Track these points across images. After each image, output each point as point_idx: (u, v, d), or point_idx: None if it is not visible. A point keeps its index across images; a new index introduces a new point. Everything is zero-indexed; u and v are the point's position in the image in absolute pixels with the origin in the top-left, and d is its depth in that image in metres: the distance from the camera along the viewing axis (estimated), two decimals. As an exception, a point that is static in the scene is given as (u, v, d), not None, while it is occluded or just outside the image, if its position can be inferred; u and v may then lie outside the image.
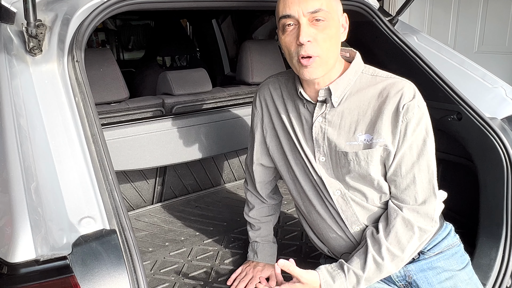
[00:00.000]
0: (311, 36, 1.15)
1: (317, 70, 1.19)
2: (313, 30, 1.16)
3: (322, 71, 1.20)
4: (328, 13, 1.16)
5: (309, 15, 1.15)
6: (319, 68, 1.19)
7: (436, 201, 1.24)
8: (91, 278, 0.93)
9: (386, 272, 1.24)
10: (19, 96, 1.13)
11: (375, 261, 1.22)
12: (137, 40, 5.65)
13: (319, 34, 1.16)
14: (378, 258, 1.22)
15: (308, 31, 1.15)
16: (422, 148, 1.21)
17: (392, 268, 1.24)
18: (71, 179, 1.05)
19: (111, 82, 1.93)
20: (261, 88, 1.47)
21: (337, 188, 1.30)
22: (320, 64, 1.18)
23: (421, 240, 1.25)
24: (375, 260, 1.22)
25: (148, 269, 1.69)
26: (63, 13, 1.30)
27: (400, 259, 1.24)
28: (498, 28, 3.91)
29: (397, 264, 1.25)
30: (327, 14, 1.16)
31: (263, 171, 1.56)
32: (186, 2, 1.55)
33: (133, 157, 1.93)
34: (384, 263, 1.22)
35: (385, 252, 1.22)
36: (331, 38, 1.18)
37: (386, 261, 1.22)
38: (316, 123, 1.28)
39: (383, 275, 1.25)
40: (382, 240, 1.23)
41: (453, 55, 1.95)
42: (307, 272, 1.22)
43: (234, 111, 2.21)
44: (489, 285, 1.49)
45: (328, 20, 1.16)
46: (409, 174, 1.22)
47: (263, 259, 1.60)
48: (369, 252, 1.23)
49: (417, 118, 1.19)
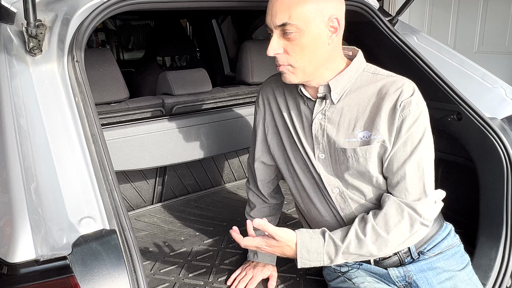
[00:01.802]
0: (279, 49, 1.19)
1: (291, 77, 1.24)
2: (283, 42, 1.19)
3: (297, 78, 1.23)
4: (296, 26, 1.15)
5: (279, 28, 1.17)
6: (292, 75, 1.23)
7: (428, 201, 1.22)
8: (91, 278, 0.93)
9: (366, 251, 1.21)
10: (19, 96, 1.13)
11: (357, 235, 1.21)
12: (137, 40, 5.65)
13: (289, 45, 1.18)
14: (360, 234, 1.21)
15: (274, 45, 1.19)
16: (416, 146, 1.20)
17: (373, 249, 1.21)
18: (71, 179, 1.05)
19: (111, 82, 1.93)
20: (264, 86, 1.49)
21: (335, 186, 1.30)
22: (294, 72, 1.22)
23: (411, 231, 1.21)
24: (357, 235, 1.21)
25: (148, 269, 1.69)
26: (63, 13, 1.30)
27: (384, 241, 1.21)
28: (498, 28, 3.91)
29: (379, 247, 1.21)
30: (296, 27, 1.15)
31: (264, 169, 1.57)
32: (186, 2, 1.55)
33: (133, 157, 1.93)
34: (366, 240, 1.20)
35: (369, 230, 1.20)
36: (303, 48, 1.18)
37: (368, 238, 1.20)
38: (316, 119, 1.29)
39: (363, 253, 1.22)
40: (369, 218, 1.22)
41: (453, 55, 1.95)
42: (282, 230, 1.22)
43: (234, 111, 2.21)
44: (489, 285, 1.49)
45: (299, 31, 1.16)
46: (400, 171, 1.21)
47: (263, 259, 1.60)
48: (353, 226, 1.22)
49: (414, 116, 1.19)
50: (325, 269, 1.52)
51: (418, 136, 1.20)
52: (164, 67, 4.27)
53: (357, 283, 1.35)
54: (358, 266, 1.39)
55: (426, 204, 1.22)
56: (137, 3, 1.37)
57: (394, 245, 1.23)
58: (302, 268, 1.26)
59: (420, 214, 1.21)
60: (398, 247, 1.25)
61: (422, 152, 1.21)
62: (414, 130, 1.20)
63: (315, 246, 1.22)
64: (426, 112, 1.23)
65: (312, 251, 1.22)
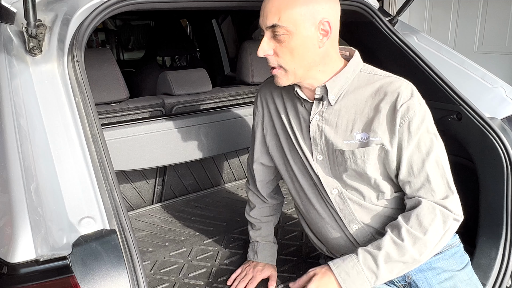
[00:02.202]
0: (269, 50, 1.19)
1: (282, 80, 1.24)
2: (273, 44, 1.19)
3: (288, 80, 1.24)
4: (285, 28, 1.15)
5: (269, 29, 1.18)
6: (283, 78, 1.23)
7: (455, 197, 1.21)
8: (91, 278, 0.93)
9: (409, 257, 1.18)
10: (19, 96, 1.13)
11: (394, 242, 1.18)
12: (137, 40, 5.64)
13: (279, 47, 1.18)
14: (397, 240, 1.18)
15: (264, 46, 1.19)
16: (430, 145, 1.20)
17: (414, 253, 1.18)
18: (71, 179, 1.05)
19: (111, 82, 1.93)
20: (262, 87, 1.49)
21: (334, 187, 1.30)
22: (285, 75, 1.22)
23: (445, 228, 1.20)
24: (395, 241, 1.18)
25: (148, 269, 1.69)
26: (63, 13, 1.30)
27: (422, 242, 1.18)
28: (498, 28, 3.90)
29: (420, 250, 1.18)
30: (285, 29, 1.15)
31: (263, 170, 1.57)
32: (186, 2, 1.55)
33: (133, 157, 1.93)
34: (405, 245, 1.17)
35: (405, 233, 1.17)
36: (293, 50, 1.18)
37: (406, 242, 1.17)
38: (314, 121, 1.29)
39: (406, 260, 1.18)
40: (401, 223, 1.20)
41: (453, 55, 1.95)
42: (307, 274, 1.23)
43: (234, 111, 2.21)
44: (489, 285, 1.49)
45: (288, 34, 1.16)
46: (422, 173, 1.20)
47: (263, 259, 1.60)
48: (387, 235, 1.20)
49: (420, 116, 1.19)
50: (325, 269, 1.51)
51: (429, 134, 1.21)
52: (164, 67, 4.28)
53: (357, 283, 1.35)
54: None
55: (454, 200, 1.22)
56: (137, 3, 1.37)
57: (432, 245, 1.20)
58: (302, 268, 1.26)
59: (451, 210, 1.20)
60: (435, 248, 1.22)
61: (438, 149, 1.21)
62: (424, 130, 1.20)
63: (350, 264, 1.19)
64: (429, 110, 1.23)
65: (351, 272, 1.19)
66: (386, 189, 1.28)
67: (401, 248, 1.18)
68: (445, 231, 1.21)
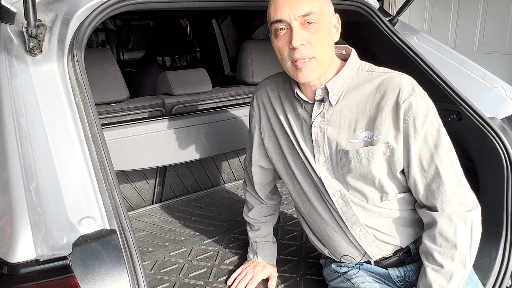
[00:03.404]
0: (304, 40, 1.15)
1: (312, 72, 1.19)
2: (306, 33, 1.16)
3: (317, 73, 1.20)
4: (319, 15, 1.16)
5: (300, 18, 1.15)
6: (315, 70, 1.19)
7: (464, 189, 1.20)
8: (91, 278, 0.93)
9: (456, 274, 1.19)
10: (19, 96, 1.13)
11: (436, 271, 1.20)
12: (137, 40, 5.65)
13: (312, 37, 1.16)
14: (437, 267, 1.20)
15: (300, 35, 1.15)
16: (438, 139, 1.19)
17: (459, 269, 1.19)
18: (71, 179, 1.05)
19: (111, 82, 1.93)
20: (258, 89, 1.47)
21: (337, 189, 1.29)
22: (316, 67, 1.19)
23: (467, 226, 1.19)
24: (436, 270, 1.20)
25: (148, 269, 1.69)
26: (63, 13, 1.30)
27: (460, 255, 1.19)
28: (498, 28, 3.90)
29: (461, 261, 1.19)
30: (319, 17, 1.15)
31: (262, 173, 1.56)
32: (186, 2, 1.55)
33: (133, 157, 1.93)
34: (446, 268, 1.19)
35: (440, 257, 1.19)
36: (325, 39, 1.18)
37: (447, 265, 1.19)
38: (315, 123, 1.28)
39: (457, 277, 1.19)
40: (431, 247, 1.21)
41: (453, 55, 1.95)
42: None
43: (234, 111, 2.21)
44: (489, 285, 1.49)
45: (320, 22, 1.16)
46: (431, 167, 1.20)
47: (263, 259, 1.60)
48: (426, 267, 1.21)
49: (423, 110, 1.18)
50: (325, 269, 1.51)
51: (435, 128, 1.19)
52: (164, 67, 4.28)
53: (357, 283, 1.35)
54: (359, 266, 1.38)
55: (466, 193, 1.20)
56: (137, 3, 1.37)
57: (467, 250, 1.20)
58: (302, 268, 1.26)
59: (464, 204, 1.19)
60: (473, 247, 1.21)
61: (445, 142, 1.20)
62: (429, 123, 1.19)
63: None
64: (431, 102, 1.22)
65: None
66: (390, 189, 1.27)
67: (445, 272, 1.19)
68: (470, 228, 1.20)
